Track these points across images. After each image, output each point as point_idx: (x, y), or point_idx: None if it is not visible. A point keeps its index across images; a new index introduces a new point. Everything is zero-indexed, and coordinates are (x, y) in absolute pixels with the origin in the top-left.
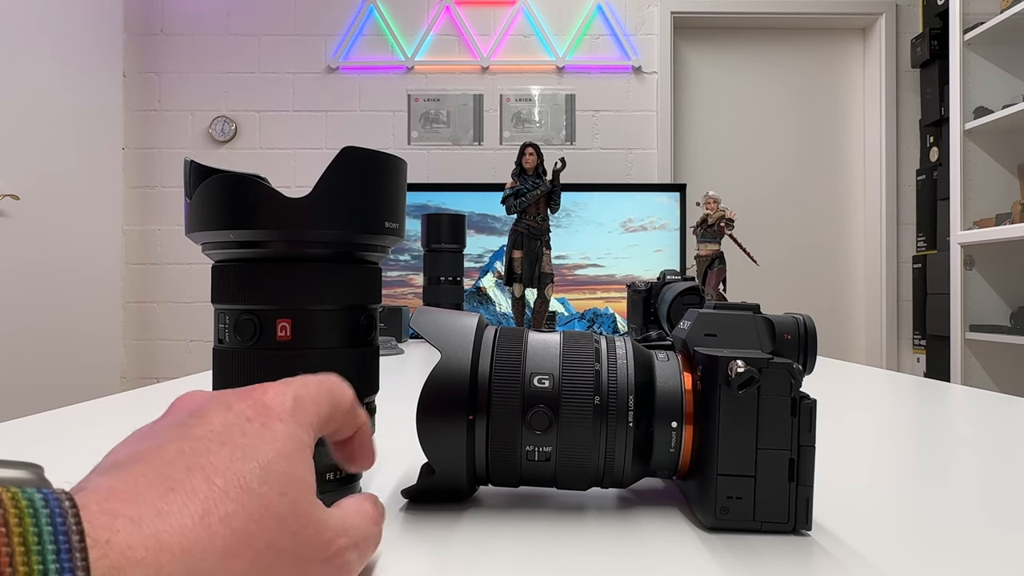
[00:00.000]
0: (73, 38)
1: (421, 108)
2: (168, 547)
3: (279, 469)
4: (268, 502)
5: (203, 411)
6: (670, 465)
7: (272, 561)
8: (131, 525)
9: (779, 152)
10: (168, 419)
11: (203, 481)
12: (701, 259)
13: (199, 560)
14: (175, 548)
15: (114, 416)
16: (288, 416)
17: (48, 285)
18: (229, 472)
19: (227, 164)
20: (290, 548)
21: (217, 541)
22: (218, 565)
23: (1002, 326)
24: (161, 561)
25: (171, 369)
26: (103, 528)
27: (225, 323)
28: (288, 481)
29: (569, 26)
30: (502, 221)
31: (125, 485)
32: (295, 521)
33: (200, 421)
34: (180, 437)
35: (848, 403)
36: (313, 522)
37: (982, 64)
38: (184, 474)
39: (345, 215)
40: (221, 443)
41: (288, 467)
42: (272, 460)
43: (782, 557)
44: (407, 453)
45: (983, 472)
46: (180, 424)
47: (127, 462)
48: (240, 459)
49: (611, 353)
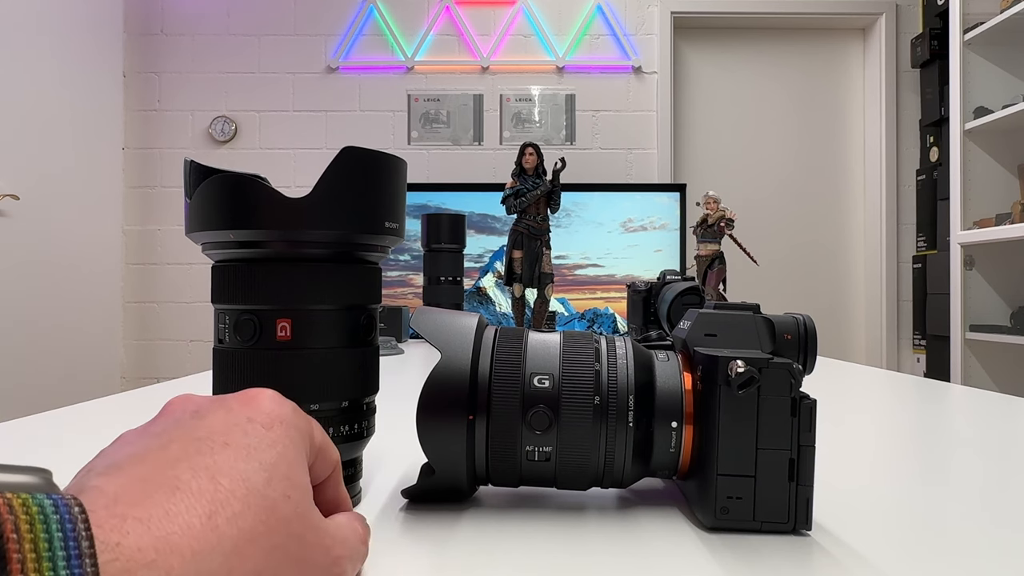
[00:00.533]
0: (73, 38)
1: (421, 108)
2: (178, 549)
3: (282, 471)
4: (274, 503)
5: (203, 412)
6: (670, 465)
7: (279, 562)
8: (140, 527)
9: (779, 152)
10: (166, 419)
11: (209, 481)
12: (701, 259)
13: (208, 561)
14: (185, 550)
15: (114, 416)
16: (288, 420)
17: (48, 285)
18: (234, 472)
19: (227, 164)
20: (295, 550)
21: (226, 542)
22: (226, 566)
23: (1002, 326)
24: (171, 563)
25: (171, 369)
26: (113, 531)
27: (225, 323)
28: (291, 484)
29: (569, 26)
30: (502, 221)
31: (131, 486)
32: (299, 524)
33: (202, 422)
34: (183, 438)
35: (848, 403)
36: (314, 526)
37: (982, 64)
38: (189, 474)
39: (345, 215)
40: (224, 443)
41: (290, 470)
42: (276, 462)
43: (782, 557)
44: (407, 453)
45: (983, 472)
46: (181, 425)
47: (128, 463)
48: (244, 459)
49: (611, 353)
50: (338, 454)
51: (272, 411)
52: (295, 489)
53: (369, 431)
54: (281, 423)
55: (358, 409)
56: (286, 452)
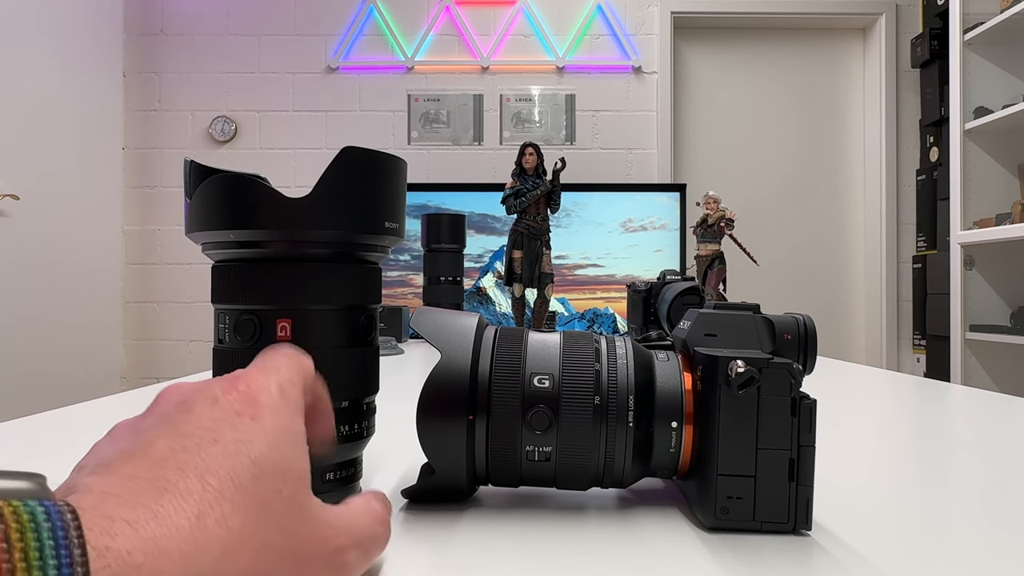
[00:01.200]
0: (73, 38)
1: (421, 108)
2: (167, 552)
3: (272, 463)
4: (263, 500)
5: (190, 405)
6: (670, 465)
7: (273, 561)
8: (128, 529)
9: (779, 152)
10: (155, 413)
11: (197, 481)
12: (701, 259)
13: (197, 563)
14: (174, 552)
15: (114, 416)
16: (277, 406)
17: (48, 285)
18: (222, 470)
19: (227, 164)
20: (288, 546)
21: (215, 544)
22: (217, 567)
23: (1002, 326)
24: (160, 566)
25: (171, 369)
26: (102, 534)
27: (225, 323)
28: (282, 476)
29: (569, 26)
30: (502, 221)
31: (119, 487)
32: (291, 517)
33: (188, 416)
34: (169, 434)
35: (848, 403)
36: (310, 518)
37: (982, 64)
38: (177, 474)
39: (345, 215)
40: (212, 440)
41: (281, 460)
42: (265, 455)
43: (782, 557)
44: (407, 453)
45: (983, 472)
46: (168, 420)
47: (117, 461)
48: (233, 455)
49: (611, 353)
50: (323, 383)
51: (260, 399)
52: (287, 481)
53: (369, 431)
54: (270, 411)
55: (358, 409)
56: (276, 442)
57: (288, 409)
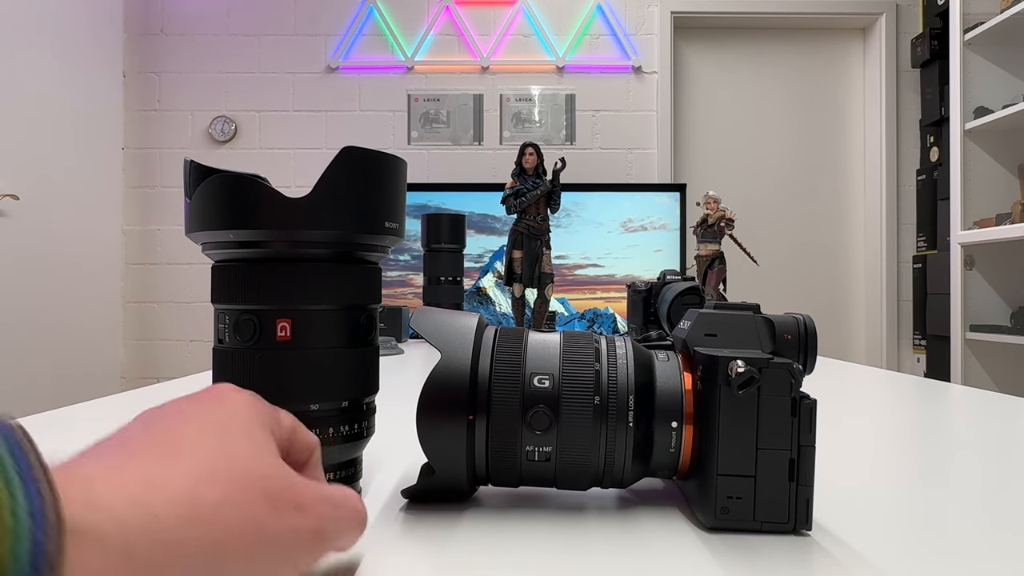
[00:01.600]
0: (73, 38)
1: (421, 108)
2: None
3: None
4: (236, 440)
5: (160, 406)
6: (670, 465)
7: (243, 493)
8: (90, 462)
9: (779, 152)
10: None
11: (164, 433)
12: (701, 259)
13: (166, 481)
14: (138, 472)
15: (114, 416)
16: (247, 396)
17: (48, 285)
18: (193, 423)
19: (227, 164)
20: (259, 484)
21: (184, 463)
22: (191, 492)
23: (1002, 326)
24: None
25: (171, 369)
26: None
27: (225, 323)
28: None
29: (569, 26)
30: (502, 221)
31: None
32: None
33: (159, 410)
34: (142, 420)
35: (848, 403)
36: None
37: (982, 64)
38: (143, 433)
39: (345, 215)
40: (182, 416)
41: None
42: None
43: (782, 557)
44: (407, 453)
45: (983, 472)
46: (140, 420)
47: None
48: (203, 419)
49: (611, 353)
50: (315, 439)
51: (229, 391)
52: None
53: (369, 431)
54: (235, 392)
55: (358, 409)
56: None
57: (256, 401)
